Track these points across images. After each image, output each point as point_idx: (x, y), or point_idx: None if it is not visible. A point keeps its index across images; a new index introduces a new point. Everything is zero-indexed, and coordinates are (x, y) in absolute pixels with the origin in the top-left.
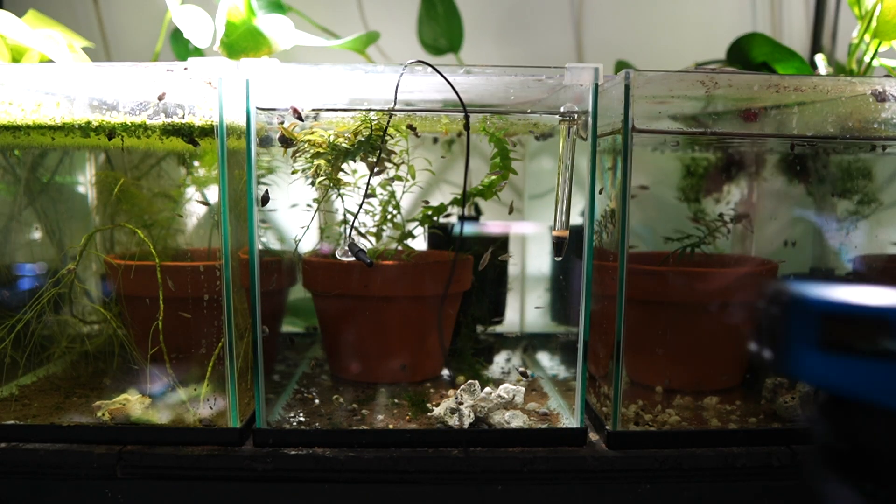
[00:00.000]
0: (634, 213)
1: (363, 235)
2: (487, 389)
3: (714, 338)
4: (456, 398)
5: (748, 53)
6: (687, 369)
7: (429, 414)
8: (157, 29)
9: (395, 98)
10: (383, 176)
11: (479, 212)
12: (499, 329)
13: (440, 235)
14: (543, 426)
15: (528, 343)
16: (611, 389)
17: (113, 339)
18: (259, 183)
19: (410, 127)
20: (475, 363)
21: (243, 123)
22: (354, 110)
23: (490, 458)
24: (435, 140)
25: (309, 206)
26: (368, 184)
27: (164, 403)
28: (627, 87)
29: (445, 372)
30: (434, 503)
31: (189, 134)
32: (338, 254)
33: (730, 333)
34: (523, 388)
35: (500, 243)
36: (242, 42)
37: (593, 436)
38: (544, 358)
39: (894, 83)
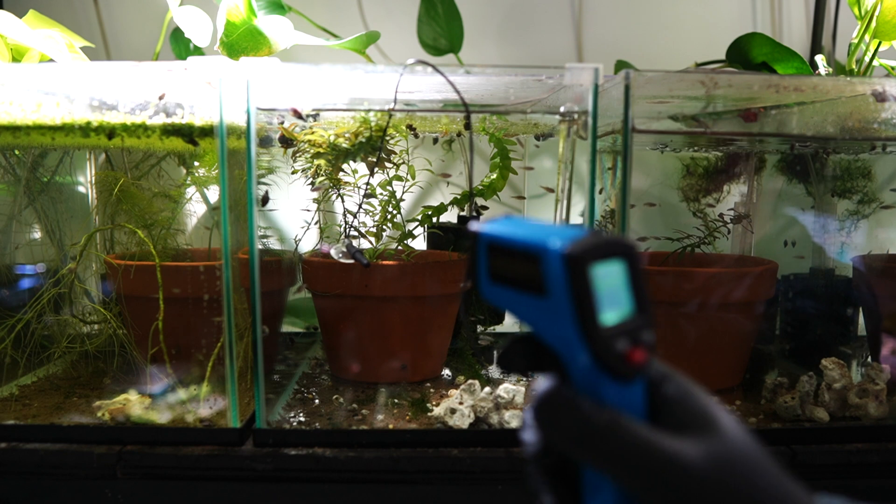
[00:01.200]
0: (634, 213)
1: (363, 235)
2: (487, 389)
3: (713, 338)
4: (456, 398)
5: (748, 53)
6: (686, 369)
7: (429, 414)
8: (157, 29)
9: (395, 98)
10: (383, 175)
11: (478, 212)
12: (499, 329)
13: (440, 235)
14: None
15: None
16: None
17: (113, 339)
18: (259, 183)
19: (410, 127)
20: (475, 363)
21: (243, 123)
22: (354, 110)
23: (490, 459)
24: (435, 140)
25: (308, 208)
26: (368, 184)
27: (164, 403)
28: (627, 87)
29: (446, 372)
30: (434, 503)
31: (189, 134)
32: (333, 253)
33: (728, 333)
34: (523, 388)
35: None
36: (242, 42)
37: None
38: None
39: (894, 83)
